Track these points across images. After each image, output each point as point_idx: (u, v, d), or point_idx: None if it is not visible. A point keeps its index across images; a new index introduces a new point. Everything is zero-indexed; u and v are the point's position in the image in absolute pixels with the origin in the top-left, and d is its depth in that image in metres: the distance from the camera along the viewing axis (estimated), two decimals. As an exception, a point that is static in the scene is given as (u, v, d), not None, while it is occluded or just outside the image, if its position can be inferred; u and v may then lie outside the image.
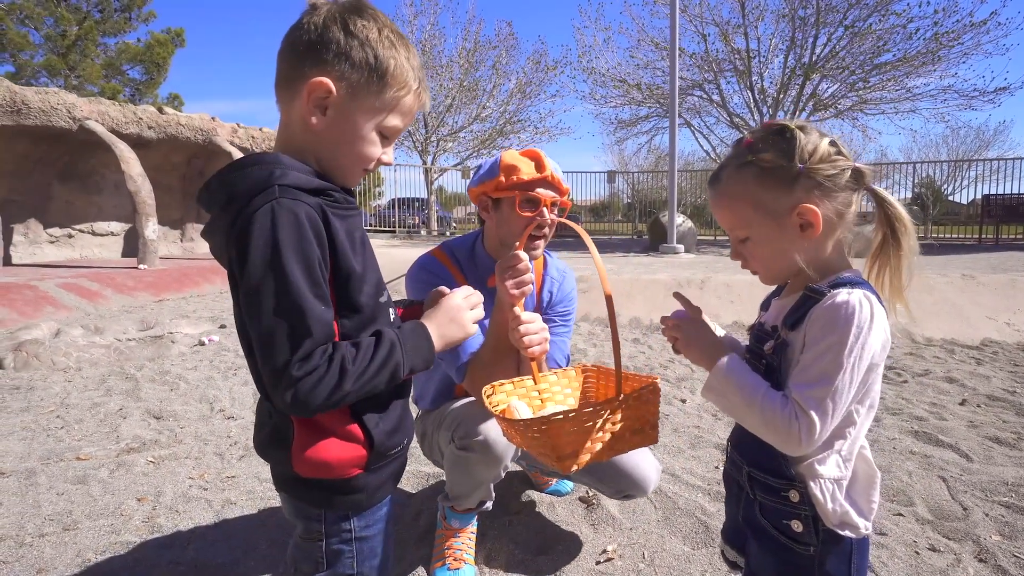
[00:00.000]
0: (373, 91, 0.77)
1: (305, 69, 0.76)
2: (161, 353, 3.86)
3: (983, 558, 1.57)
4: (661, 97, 13.84)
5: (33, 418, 2.66)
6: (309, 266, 0.71)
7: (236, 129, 9.93)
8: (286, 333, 0.69)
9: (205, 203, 0.79)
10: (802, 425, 0.71)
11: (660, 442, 2.31)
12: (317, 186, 0.75)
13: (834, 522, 0.77)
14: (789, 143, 0.79)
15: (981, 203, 11.95)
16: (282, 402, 0.71)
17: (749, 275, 2.81)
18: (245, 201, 0.72)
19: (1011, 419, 2.58)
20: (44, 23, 15.47)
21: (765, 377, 0.81)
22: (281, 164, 0.74)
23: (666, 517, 1.73)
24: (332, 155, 0.79)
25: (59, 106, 7.49)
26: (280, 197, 0.71)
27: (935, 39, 11.15)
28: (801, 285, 0.83)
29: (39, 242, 8.46)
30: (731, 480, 0.90)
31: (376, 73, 0.77)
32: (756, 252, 0.85)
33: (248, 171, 0.74)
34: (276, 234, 0.69)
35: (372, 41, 0.77)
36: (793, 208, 0.79)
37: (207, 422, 2.63)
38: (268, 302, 0.69)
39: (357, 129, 0.78)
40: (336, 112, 0.77)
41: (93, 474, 2.10)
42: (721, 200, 0.85)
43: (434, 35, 15.94)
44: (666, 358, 3.69)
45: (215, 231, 0.78)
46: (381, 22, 0.79)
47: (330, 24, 0.76)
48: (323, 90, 0.75)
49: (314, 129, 0.77)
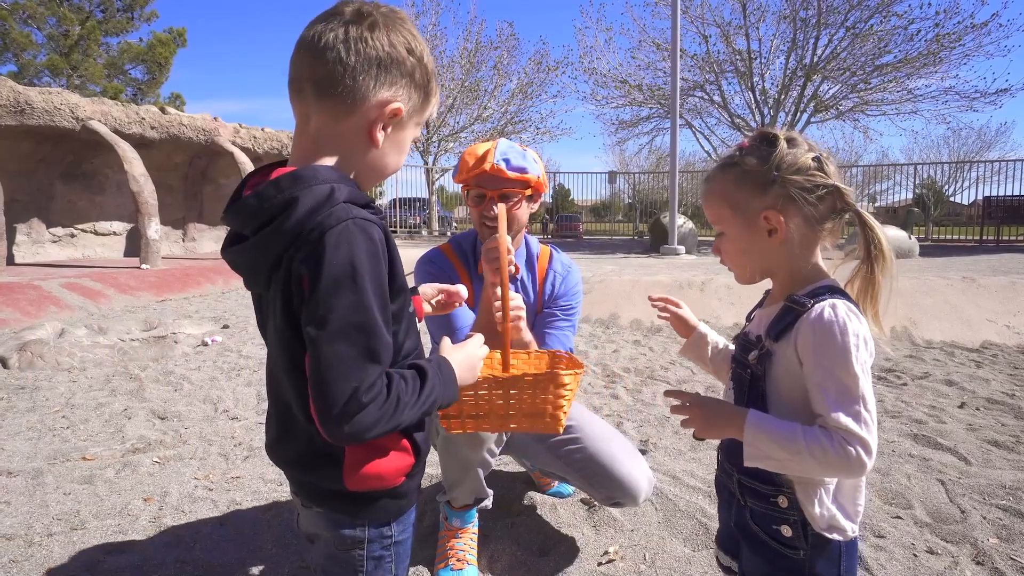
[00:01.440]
0: (422, 108, 0.80)
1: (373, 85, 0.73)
2: (165, 353, 3.89)
3: (980, 561, 1.58)
4: (662, 98, 13.85)
5: (39, 418, 2.68)
6: (382, 292, 0.70)
7: (238, 129, 9.95)
8: (358, 359, 0.67)
9: (238, 222, 0.74)
10: (858, 446, 0.72)
11: (661, 444, 2.33)
12: (367, 201, 0.74)
13: (822, 526, 0.79)
14: (769, 151, 0.81)
15: (982, 204, 11.96)
16: (339, 428, 0.68)
17: None
18: (310, 220, 0.68)
19: (1010, 422, 2.59)
20: (47, 23, 15.51)
21: (750, 386, 0.83)
22: (334, 180, 0.71)
23: (667, 519, 1.75)
24: (376, 168, 0.78)
25: (62, 106, 7.52)
26: (355, 217, 0.69)
27: (936, 40, 11.16)
28: (781, 295, 0.85)
29: (42, 241, 8.49)
30: (722, 487, 0.92)
31: (427, 92, 0.79)
32: (729, 248, 0.89)
33: (306, 189, 0.69)
34: (355, 255, 0.67)
35: (427, 59, 0.77)
36: (761, 212, 0.82)
37: (211, 423, 2.65)
38: (344, 328, 0.67)
39: (404, 142, 0.80)
40: (395, 130, 0.77)
41: (99, 474, 2.12)
42: (707, 196, 0.89)
43: (436, 35, 15.96)
44: (667, 360, 3.70)
45: (256, 250, 0.72)
46: (412, 26, 0.79)
47: (396, 41, 0.74)
48: (398, 116, 0.75)
49: (372, 144, 0.75)
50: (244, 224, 0.73)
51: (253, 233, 0.72)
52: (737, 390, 0.87)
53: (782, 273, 0.86)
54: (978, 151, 26.51)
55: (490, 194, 1.47)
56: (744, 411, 0.79)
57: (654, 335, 4.47)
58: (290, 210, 0.69)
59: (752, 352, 0.84)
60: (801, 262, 0.83)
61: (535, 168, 1.50)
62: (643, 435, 2.43)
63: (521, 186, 1.49)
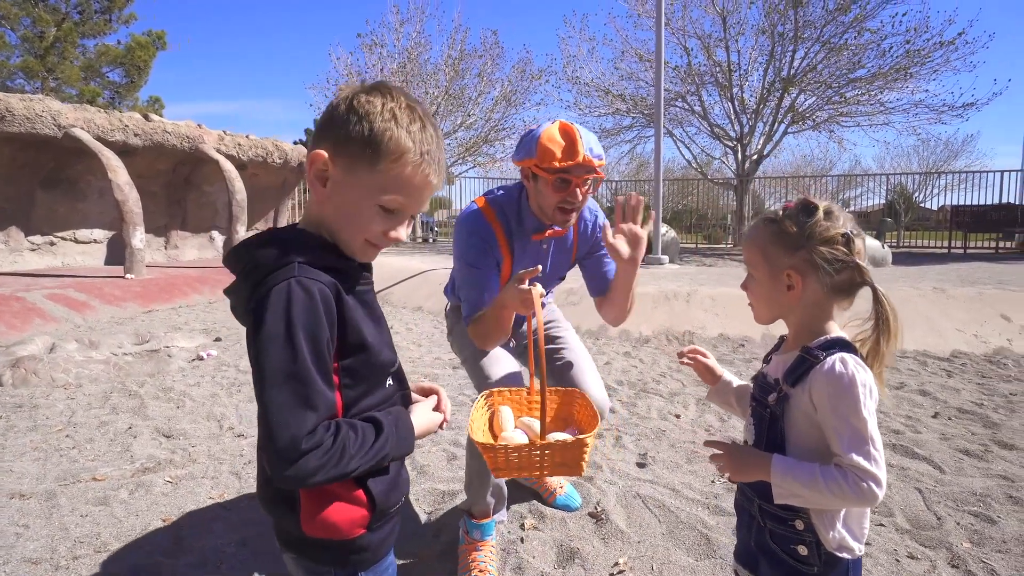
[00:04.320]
0: (365, 163, 0.79)
1: (315, 145, 0.81)
2: (161, 369, 3.89)
3: (955, 564, 1.72)
4: (644, 108, 14.10)
5: (42, 438, 2.70)
6: (317, 346, 0.74)
7: (223, 136, 9.88)
8: (293, 407, 0.72)
9: (230, 267, 0.83)
10: (870, 481, 0.84)
11: (659, 457, 2.45)
12: (332, 263, 0.79)
13: (833, 546, 0.90)
14: (805, 218, 0.93)
15: (950, 214, 12.43)
16: (281, 473, 0.72)
17: (733, 289, 3.10)
18: (264, 274, 0.76)
19: (979, 431, 2.77)
20: (21, 23, 15.17)
21: (770, 425, 0.95)
22: (300, 241, 0.79)
23: (670, 531, 1.86)
24: (336, 228, 0.82)
25: (44, 113, 7.41)
26: (298, 275, 0.75)
27: (907, 56, 11.59)
28: (795, 343, 0.97)
29: (20, 250, 8.33)
30: (742, 509, 1.03)
31: (370, 145, 0.78)
32: (754, 290, 1.02)
33: (271, 246, 0.78)
34: (290, 311, 0.73)
35: (371, 115, 0.78)
36: (785, 269, 0.94)
37: (217, 440, 2.69)
38: (277, 376, 0.72)
39: (354, 202, 0.80)
40: (334, 185, 0.80)
41: (113, 495, 2.16)
42: (747, 241, 1.02)
43: (420, 43, 16.01)
44: (657, 372, 3.83)
45: (237, 293, 0.82)
46: (391, 98, 0.80)
47: (340, 103, 0.80)
48: (320, 162, 0.79)
49: (318, 201, 0.82)
50: (233, 269, 0.84)
51: (239, 279, 0.82)
52: (757, 427, 0.98)
53: (794, 323, 0.98)
54: (946, 160, 27.41)
55: (576, 181, 1.55)
56: (769, 456, 0.90)
57: (643, 346, 4.60)
58: (255, 264, 0.79)
59: (771, 394, 0.95)
60: (812, 317, 0.95)
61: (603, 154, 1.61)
62: (641, 448, 2.54)
63: (592, 173, 1.59)
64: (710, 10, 13.00)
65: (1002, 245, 11.65)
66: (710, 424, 2.85)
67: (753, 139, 14.05)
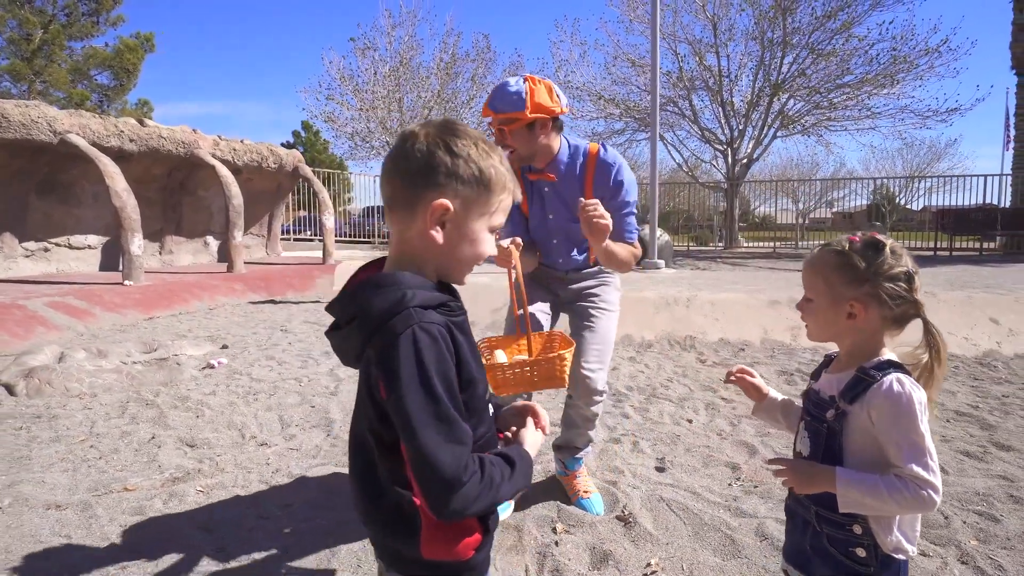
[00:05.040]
0: (482, 199, 0.87)
1: (420, 192, 0.85)
2: (173, 378, 3.92)
3: (965, 561, 1.83)
4: (636, 112, 14.26)
5: (67, 448, 2.72)
6: (449, 386, 0.80)
7: (218, 142, 9.86)
8: (446, 445, 0.77)
9: (336, 314, 0.87)
10: (930, 490, 0.93)
11: (676, 462, 2.54)
12: (440, 301, 0.84)
13: (890, 548, 1.00)
14: (875, 255, 1.02)
15: (936, 217, 12.72)
16: (446, 506, 0.77)
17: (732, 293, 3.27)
18: (380, 322, 0.80)
19: (976, 433, 2.89)
20: (7, 25, 14.98)
21: (827, 439, 1.03)
22: (409, 285, 0.83)
23: (696, 532, 1.95)
24: (451, 261, 0.89)
25: (40, 119, 7.37)
26: (420, 321, 0.79)
27: (893, 62, 11.86)
28: (849, 363, 1.06)
29: (14, 256, 8.26)
30: (795, 514, 1.11)
31: (482, 183, 0.86)
32: (813, 314, 1.10)
33: (381, 292, 0.82)
34: (421, 358, 0.78)
35: (474, 156, 0.85)
36: (848, 299, 1.03)
37: (242, 449, 2.74)
38: (424, 420, 0.77)
39: (473, 235, 0.88)
40: (454, 225, 0.86)
41: (147, 505, 2.20)
42: (811, 264, 1.10)
43: (412, 46, 16.05)
44: (664, 377, 3.93)
45: (346, 339, 0.86)
46: (474, 136, 0.88)
47: (434, 148, 0.85)
48: (442, 209, 0.85)
49: (434, 243, 0.86)
50: (340, 316, 0.88)
51: (345, 325, 0.87)
52: (814, 441, 1.07)
53: (848, 345, 1.07)
54: (929, 163, 28.02)
55: (495, 130, 1.94)
56: (831, 469, 0.99)
57: (646, 351, 4.70)
58: (367, 312, 0.82)
59: (829, 411, 1.04)
60: (867, 342, 1.04)
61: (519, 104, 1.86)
62: (658, 452, 2.63)
63: (508, 123, 1.89)
64: (700, 16, 13.20)
65: (986, 246, 11.96)
66: (721, 429, 2.95)
67: (743, 143, 14.27)
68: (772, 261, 11.18)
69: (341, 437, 2.85)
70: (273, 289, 8.24)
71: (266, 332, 5.43)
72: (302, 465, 2.55)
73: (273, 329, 5.58)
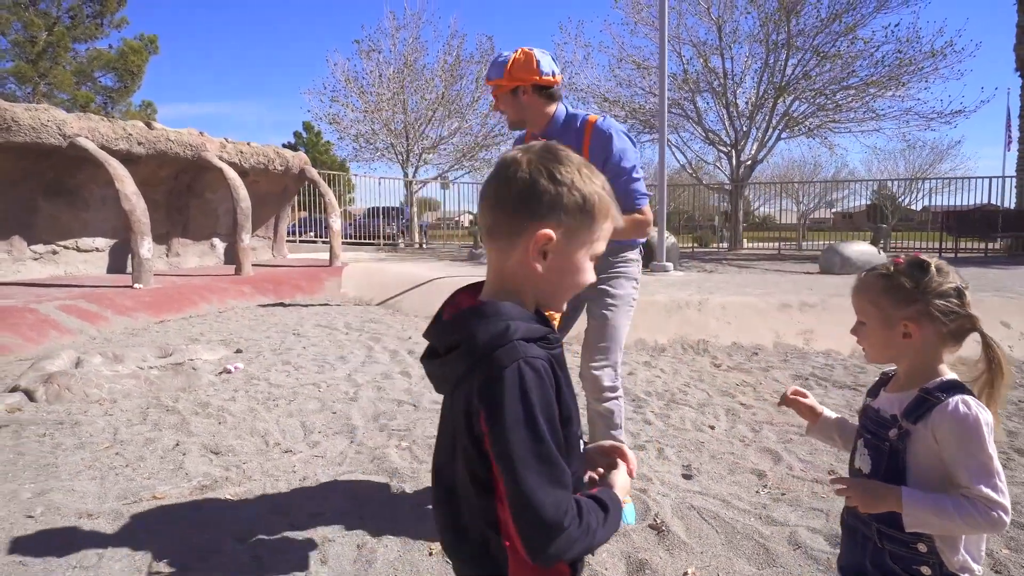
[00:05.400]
0: (585, 228, 0.85)
1: (523, 222, 0.82)
2: (191, 383, 3.93)
3: (998, 570, 1.84)
4: (640, 114, 14.27)
5: (93, 456, 2.73)
6: (553, 425, 0.78)
7: (224, 144, 9.87)
8: (548, 487, 0.75)
9: (434, 341, 0.86)
10: (1000, 511, 0.94)
11: (703, 469, 2.55)
12: (541, 333, 0.82)
13: (956, 568, 1.00)
14: (921, 274, 1.03)
15: (941, 218, 12.74)
16: (545, 550, 0.75)
17: (744, 297, 3.35)
18: (486, 354, 0.78)
19: (998, 439, 2.90)
20: (12, 28, 14.99)
21: (890, 457, 1.04)
22: (512, 316, 0.81)
23: (729, 540, 1.96)
24: (552, 290, 0.87)
25: (49, 123, 7.39)
26: (523, 356, 0.77)
27: (899, 65, 11.88)
28: (909, 383, 1.07)
29: (23, 259, 8.27)
30: (854, 530, 1.12)
31: (585, 211, 0.84)
32: (868, 337, 1.12)
33: (485, 323, 0.80)
34: (527, 395, 0.76)
35: (577, 183, 0.83)
36: (901, 320, 1.04)
37: (266, 456, 2.75)
38: (527, 460, 0.75)
39: (575, 263, 0.86)
40: (556, 254, 0.84)
41: (178, 514, 2.21)
42: (858, 289, 1.12)
43: (416, 48, 16.07)
44: (681, 382, 3.94)
45: (445, 366, 0.84)
46: (577, 162, 0.85)
47: (537, 176, 0.82)
48: (545, 239, 0.82)
49: (536, 272, 0.84)
50: (438, 343, 0.85)
51: (444, 353, 0.83)
52: (875, 459, 1.08)
53: (907, 365, 1.08)
54: (932, 163, 28.05)
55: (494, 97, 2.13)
56: (897, 489, 1.00)
57: (660, 355, 4.71)
58: (470, 342, 0.79)
59: (891, 430, 1.05)
60: (925, 361, 1.05)
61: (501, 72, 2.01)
62: (684, 460, 2.64)
63: (496, 89, 2.06)
64: (705, 18, 13.21)
65: (990, 247, 11.97)
66: (744, 435, 2.96)
67: (747, 145, 14.28)
68: (778, 263, 11.19)
69: (365, 444, 2.86)
70: (282, 292, 8.25)
71: (279, 336, 5.44)
72: (328, 473, 2.56)
73: (285, 333, 5.59)
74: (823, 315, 5.18)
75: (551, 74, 2.01)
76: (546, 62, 2.01)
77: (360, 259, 11.38)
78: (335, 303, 7.76)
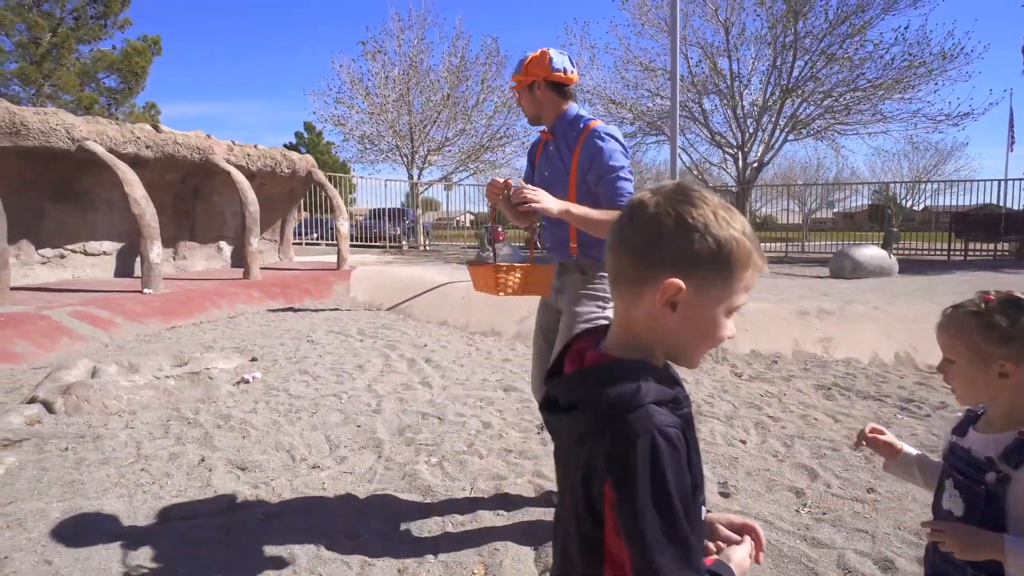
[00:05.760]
0: (721, 279, 0.76)
1: (649, 270, 0.76)
2: (210, 394, 3.89)
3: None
4: (647, 116, 14.23)
5: (119, 472, 2.69)
6: (685, 500, 0.73)
7: (231, 147, 9.84)
8: (680, 570, 0.71)
9: (557, 393, 0.81)
10: None
11: (740, 486, 2.51)
12: (672, 396, 0.77)
13: None
14: (1016, 313, 1.00)
15: (950, 221, 12.70)
16: None
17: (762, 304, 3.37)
18: (616, 417, 0.73)
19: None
20: (16, 29, 14.94)
21: (986, 503, 1.01)
22: (642, 376, 0.75)
23: (776, 564, 1.93)
24: (683, 345, 0.80)
25: (58, 127, 7.35)
26: (658, 424, 0.72)
27: (908, 67, 11.84)
28: (1006, 425, 1.04)
29: (31, 263, 8.23)
30: (944, 571, 1.09)
31: (720, 260, 0.75)
32: (958, 377, 1.08)
33: (614, 383, 0.75)
34: (661, 469, 0.71)
35: (712, 228, 0.75)
36: (998, 360, 1.01)
37: (294, 472, 2.71)
38: (659, 539, 0.71)
39: (708, 318, 0.78)
40: (687, 307, 0.76)
41: (211, 535, 2.17)
42: (949, 327, 1.08)
43: (422, 49, 16.03)
44: (705, 393, 3.90)
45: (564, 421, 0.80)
46: (712, 204, 0.77)
47: (665, 219, 0.75)
48: (674, 289, 0.75)
49: (664, 325, 0.77)
50: (561, 397, 0.80)
51: (566, 409, 0.80)
52: (969, 504, 1.05)
53: (1004, 405, 1.05)
54: (936, 164, 28.03)
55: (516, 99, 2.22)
56: (999, 537, 0.97)
57: (679, 363, 4.67)
58: (597, 403, 0.75)
59: (988, 473, 1.02)
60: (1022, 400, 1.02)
61: (519, 68, 2.10)
62: (720, 477, 2.60)
63: (515, 85, 2.14)
64: (712, 20, 13.17)
65: (1000, 248, 11.93)
66: (776, 450, 2.92)
67: (754, 147, 14.24)
68: (787, 266, 11.16)
69: (393, 459, 2.82)
70: (291, 296, 8.21)
71: (293, 343, 5.40)
72: (359, 490, 2.52)
73: (299, 340, 5.55)
74: (842, 323, 5.14)
75: (563, 71, 2.07)
76: (559, 60, 2.07)
77: (367, 262, 11.34)
78: (345, 308, 7.73)
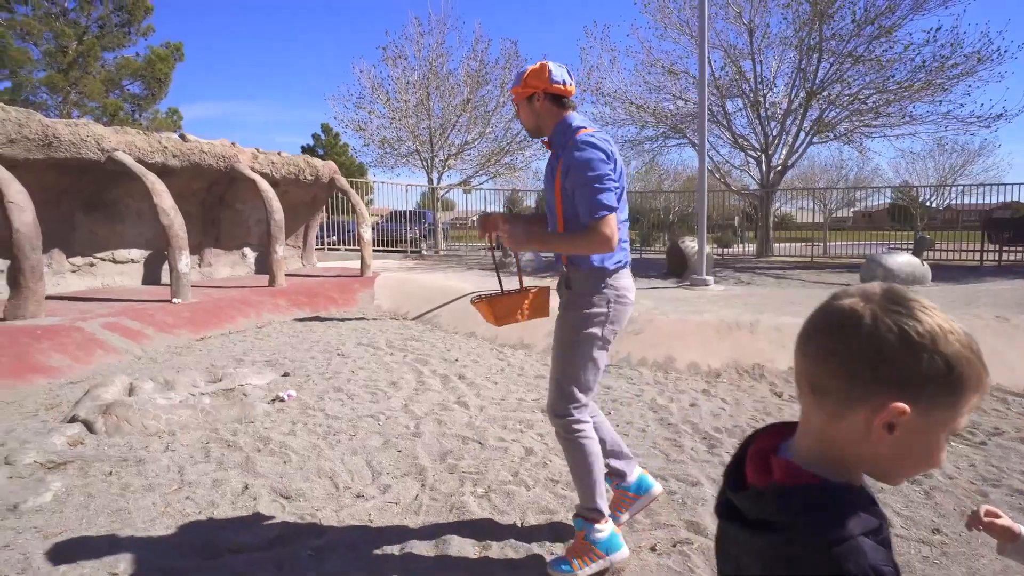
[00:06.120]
0: (948, 402, 0.69)
1: (867, 389, 0.69)
2: (246, 413, 3.88)
3: None
4: (668, 119, 14.08)
5: (164, 500, 2.69)
6: None
7: (256, 155, 9.91)
8: None
9: (740, 505, 0.76)
10: None
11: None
12: (876, 525, 0.70)
13: None
14: None
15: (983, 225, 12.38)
16: None
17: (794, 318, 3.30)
18: (821, 551, 0.67)
19: (1104, 489, 2.74)
20: (44, 38, 15.22)
21: None
22: (850, 502, 0.70)
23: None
24: (892, 468, 0.73)
25: (89, 138, 7.44)
26: (875, 563, 0.66)
27: (940, 70, 11.57)
28: None
29: (62, 272, 8.36)
30: None
31: (949, 382, 0.68)
32: None
33: (815, 511, 0.70)
34: None
35: (940, 346, 0.68)
36: None
37: (338, 502, 2.68)
38: None
39: (928, 443, 0.71)
40: (907, 431, 0.70)
41: (261, 570, 2.14)
42: None
43: (441, 54, 16.03)
44: (748, 416, 3.81)
45: (743, 534, 0.75)
46: (935, 315, 0.69)
47: (887, 335, 0.68)
48: (897, 413, 0.68)
49: (876, 447, 0.71)
50: (745, 510, 0.75)
51: (752, 526, 0.73)
52: None
53: None
54: (962, 165, 27.44)
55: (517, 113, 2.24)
56: None
57: (716, 381, 4.58)
58: (795, 532, 0.69)
59: None
60: None
61: (518, 81, 2.12)
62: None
63: (514, 97, 2.16)
64: (736, 22, 12.99)
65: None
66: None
67: (778, 149, 14.03)
68: (814, 273, 10.95)
69: (439, 489, 2.78)
70: (316, 304, 8.23)
71: (323, 356, 5.40)
72: (407, 522, 2.49)
73: (329, 353, 5.54)
74: (882, 338, 5.00)
75: (562, 83, 2.08)
76: (558, 72, 2.09)
77: (388, 268, 11.36)
78: (371, 316, 7.72)
